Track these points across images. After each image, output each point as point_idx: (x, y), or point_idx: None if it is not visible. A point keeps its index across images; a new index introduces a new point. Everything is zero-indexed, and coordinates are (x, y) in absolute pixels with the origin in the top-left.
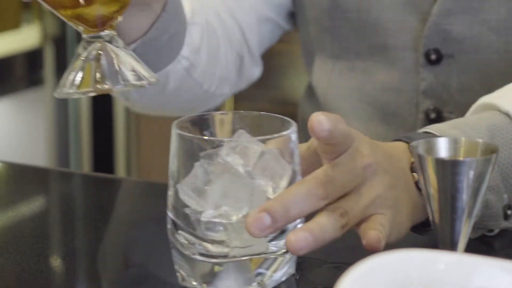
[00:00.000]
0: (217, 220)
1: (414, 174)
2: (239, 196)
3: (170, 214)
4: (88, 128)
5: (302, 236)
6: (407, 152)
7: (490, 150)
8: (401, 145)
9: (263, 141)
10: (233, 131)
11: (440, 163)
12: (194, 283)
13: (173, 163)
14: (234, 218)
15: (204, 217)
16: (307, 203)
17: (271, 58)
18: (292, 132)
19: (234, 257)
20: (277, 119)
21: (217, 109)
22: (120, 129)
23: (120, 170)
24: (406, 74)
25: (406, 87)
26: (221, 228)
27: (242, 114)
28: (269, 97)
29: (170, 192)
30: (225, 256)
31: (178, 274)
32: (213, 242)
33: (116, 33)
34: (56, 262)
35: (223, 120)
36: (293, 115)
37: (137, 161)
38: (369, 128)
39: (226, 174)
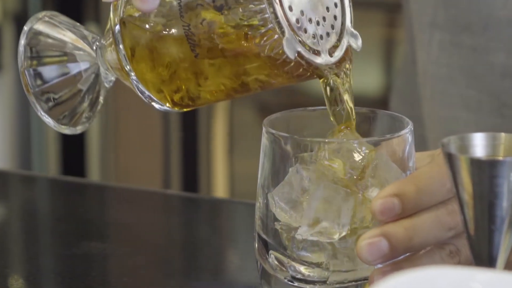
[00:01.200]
0: (314, 238)
1: None
2: (342, 210)
3: (258, 230)
4: None
5: (387, 271)
6: None
7: None
8: None
9: (374, 143)
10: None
11: (476, 164)
12: None
13: (263, 169)
14: (336, 236)
15: (299, 235)
16: (433, 232)
17: None
18: (408, 132)
19: (335, 282)
20: (387, 116)
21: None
22: (94, 125)
23: (94, 173)
24: None
25: None
26: (319, 247)
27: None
28: None
29: (259, 204)
30: (323, 282)
31: None
32: (309, 264)
33: None
34: (17, 283)
35: (321, 117)
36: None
37: (114, 163)
38: (478, 120)
39: (326, 182)
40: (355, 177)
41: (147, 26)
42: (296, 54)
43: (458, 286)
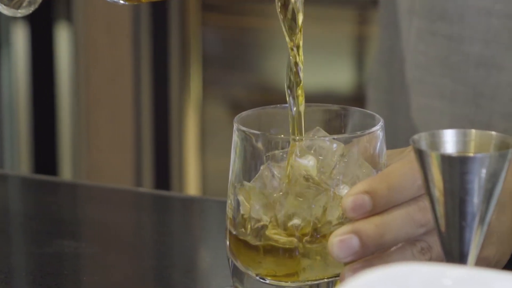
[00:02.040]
0: (284, 238)
1: None
2: (314, 207)
3: (229, 227)
4: (26, 121)
5: (358, 268)
6: None
7: (506, 144)
8: None
9: (345, 140)
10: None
11: (447, 160)
12: None
13: (234, 166)
14: (308, 233)
15: (270, 232)
16: (405, 228)
17: (246, 34)
18: (379, 129)
19: (306, 280)
20: (358, 113)
21: (181, 100)
22: (66, 123)
23: (66, 171)
24: (509, 49)
25: (507, 65)
26: (290, 244)
27: (316, 107)
28: (245, 82)
29: (230, 201)
30: (295, 280)
31: None
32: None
33: None
34: None
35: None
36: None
37: (86, 162)
38: (453, 110)
39: (298, 180)
40: (326, 174)
41: None
42: None
43: (429, 282)
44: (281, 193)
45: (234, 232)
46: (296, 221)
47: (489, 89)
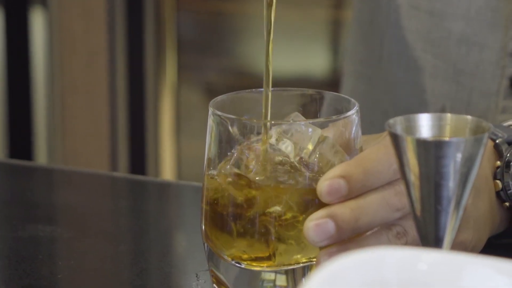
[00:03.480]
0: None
1: (498, 181)
2: (291, 191)
3: (205, 209)
4: (1, 106)
5: (333, 252)
6: (491, 153)
7: (481, 129)
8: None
9: (321, 124)
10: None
11: (422, 144)
12: None
13: (209, 151)
14: (283, 217)
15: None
16: (380, 213)
17: (221, 20)
18: (354, 113)
19: (282, 264)
20: (334, 97)
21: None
22: (41, 107)
23: (41, 156)
24: (491, 27)
25: (489, 43)
26: (266, 229)
27: (291, 92)
28: (220, 67)
29: (205, 184)
30: (271, 264)
31: (214, 285)
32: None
33: None
34: None
35: (267, 99)
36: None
37: (61, 146)
38: (434, 86)
39: (273, 164)
40: (302, 158)
41: None
42: None
43: (404, 267)
44: (257, 178)
45: (210, 213)
46: (274, 207)
47: (470, 66)
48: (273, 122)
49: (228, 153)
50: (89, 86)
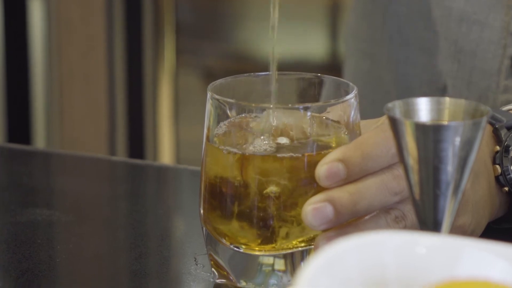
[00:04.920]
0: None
1: (497, 166)
2: (288, 173)
3: (203, 196)
4: (0, 90)
5: (332, 237)
6: (490, 137)
7: (480, 112)
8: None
9: (319, 109)
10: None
11: (421, 128)
12: (231, 277)
13: (208, 135)
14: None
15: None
16: (379, 197)
17: (220, 3)
18: (353, 97)
19: (281, 248)
20: (332, 81)
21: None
22: (39, 91)
23: (39, 140)
24: (492, 6)
25: (490, 22)
26: (266, 213)
27: (290, 76)
28: (219, 51)
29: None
30: (271, 248)
31: (212, 269)
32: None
33: None
34: None
35: (266, 82)
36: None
37: (60, 130)
38: (435, 64)
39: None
40: (301, 142)
41: None
42: None
43: (403, 250)
44: (256, 153)
45: (208, 196)
46: (272, 188)
47: (471, 45)
48: (272, 106)
49: (225, 129)
50: (87, 70)
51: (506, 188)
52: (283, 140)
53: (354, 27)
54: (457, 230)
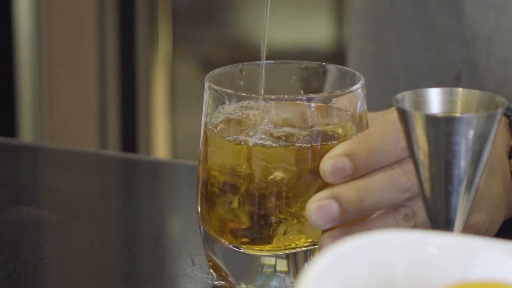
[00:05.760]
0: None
1: None
2: (292, 161)
3: (200, 193)
4: None
5: (337, 236)
6: (506, 130)
7: (495, 104)
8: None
9: (324, 99)
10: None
11: (432, 120)
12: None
13: (205, 126)
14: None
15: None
16: (387, 193)
17: None
18: (360, 87)
19: (282, 248)
20: (338, 71)
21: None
22: (26, 80)
23: (26, 133)
24: None
25: (508, 7)
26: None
27: (293, 65)
28: (217, 38)
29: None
30: (271, 248)
31: (210, 270)
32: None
33: None
34: None
35: (267, 71)
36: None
37: (48, 123)
38: (449, 51)
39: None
40: (305, 130)
41: None
42: None
43: (412, 251)
44: (256, 142)
45: (206, 193)
46: (278, 174)
47: (486, 31)
48: (272, 96)
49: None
50: (77, 59)
51: None
52: (289, 130)
53: (359, 9)
54: (471, 229)
